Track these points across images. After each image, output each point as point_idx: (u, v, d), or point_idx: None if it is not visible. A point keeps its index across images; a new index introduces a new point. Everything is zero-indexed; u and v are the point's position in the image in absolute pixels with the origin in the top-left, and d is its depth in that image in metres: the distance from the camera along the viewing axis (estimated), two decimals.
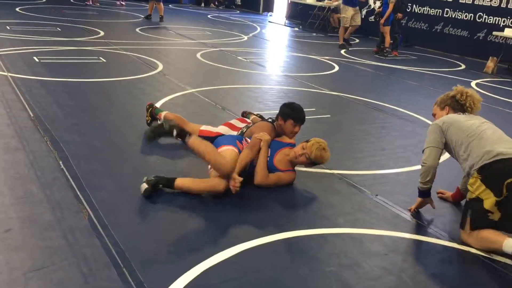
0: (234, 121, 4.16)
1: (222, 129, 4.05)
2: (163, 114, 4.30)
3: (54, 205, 2.93)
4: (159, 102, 5.29)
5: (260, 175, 3.43)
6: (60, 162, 3.53)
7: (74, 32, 9.51)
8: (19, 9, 12.03)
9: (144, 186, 3.17)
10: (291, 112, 3.69)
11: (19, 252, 2.44)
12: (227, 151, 3.40)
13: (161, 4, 12.52)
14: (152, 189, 3.19)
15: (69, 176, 3.32)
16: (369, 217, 3.21)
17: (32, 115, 4.46)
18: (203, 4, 18.82)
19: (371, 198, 3.51)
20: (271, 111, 5.38)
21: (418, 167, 4.16)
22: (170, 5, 16.88)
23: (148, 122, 4.40)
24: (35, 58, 6.82)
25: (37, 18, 10.91)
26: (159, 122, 3.80)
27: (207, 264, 2.49)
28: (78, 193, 3.10)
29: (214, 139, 3.80)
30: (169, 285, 2.30)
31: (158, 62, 7.35)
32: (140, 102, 5.36)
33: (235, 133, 3.97)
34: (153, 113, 4.37)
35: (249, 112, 4.61)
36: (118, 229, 2.73)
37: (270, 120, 3.88)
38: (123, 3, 15.72)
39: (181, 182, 3.26)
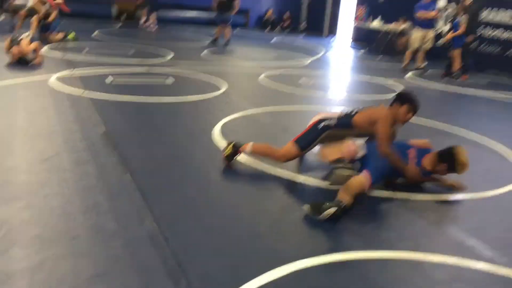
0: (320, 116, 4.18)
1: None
2: (249, 145, 4.08)
3: (119, 216, 3.06)
4: (221, 121, 5.41)
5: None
6: (127, 175, 3.69)
7: (146, 54, 10.00)
8: (97, 32, 12.83)
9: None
10: (410, 98, 3.91)
11: (84, 258, 2.57)
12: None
13: (229, 28, 12.89)
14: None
15: (134, 189, 3.46)
16: (431, 243, 3.09)
17: (103, 131, 4.71)
18: (268, 28, 19.17)
19: (434, 223, 3.37)
20: None
21: (484, 194, 3.98)
22: (236, 29, 17.36)
23: (227, 155, 4.07)
24: (108, 78, 7.22)
25: (112, 40, 11.58)
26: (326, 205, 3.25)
27: (261, 281, 2.48)
28: (142, 205, 3.22)
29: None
30: None
31: (222, 83, 7.55)
32: (204, 120, 5.52)
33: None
34: (236, 147, 4.07)
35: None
36: (177, 241, 2.79)
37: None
38: (153, 26, 15.47)
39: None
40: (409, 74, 10.40)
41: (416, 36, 10.65)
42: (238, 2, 12.84)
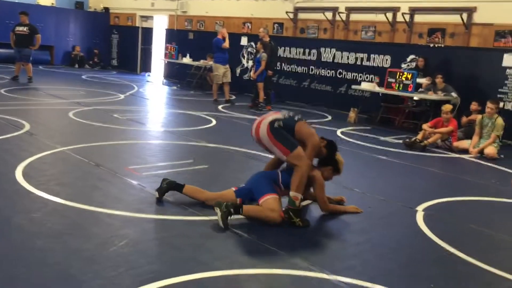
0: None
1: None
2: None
3: None
4: (24, 161, 4.96)
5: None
6: None
7: None
8: None
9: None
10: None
11: None
12: (270, 200, 3.89)
13: (30, 65, 11.96)
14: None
15: None
16: (244, 258, 3.27)
17: None
18: (77, 65, 18.33)
19: (246, 239, 3.58)
20: (149, 165, 5.34)
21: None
22: (40, 66, 16.19)
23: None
24: None
25: None
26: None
27: None
28: None
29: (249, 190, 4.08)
30: None
31: (24, 122, 6.94)
32: (4, 163, 4.99)
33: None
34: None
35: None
36: None
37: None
38: None
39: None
40: (220, 106, 11.00)
41: (218, 71, 11.56)
42: (39, 38, 12.06)
